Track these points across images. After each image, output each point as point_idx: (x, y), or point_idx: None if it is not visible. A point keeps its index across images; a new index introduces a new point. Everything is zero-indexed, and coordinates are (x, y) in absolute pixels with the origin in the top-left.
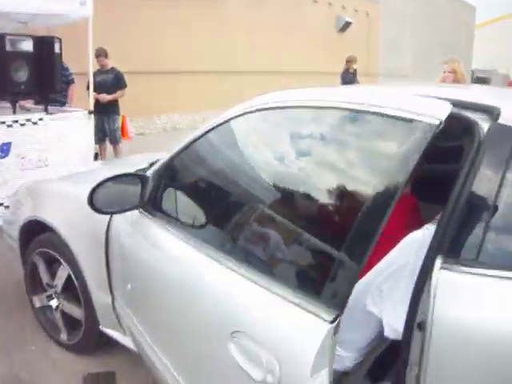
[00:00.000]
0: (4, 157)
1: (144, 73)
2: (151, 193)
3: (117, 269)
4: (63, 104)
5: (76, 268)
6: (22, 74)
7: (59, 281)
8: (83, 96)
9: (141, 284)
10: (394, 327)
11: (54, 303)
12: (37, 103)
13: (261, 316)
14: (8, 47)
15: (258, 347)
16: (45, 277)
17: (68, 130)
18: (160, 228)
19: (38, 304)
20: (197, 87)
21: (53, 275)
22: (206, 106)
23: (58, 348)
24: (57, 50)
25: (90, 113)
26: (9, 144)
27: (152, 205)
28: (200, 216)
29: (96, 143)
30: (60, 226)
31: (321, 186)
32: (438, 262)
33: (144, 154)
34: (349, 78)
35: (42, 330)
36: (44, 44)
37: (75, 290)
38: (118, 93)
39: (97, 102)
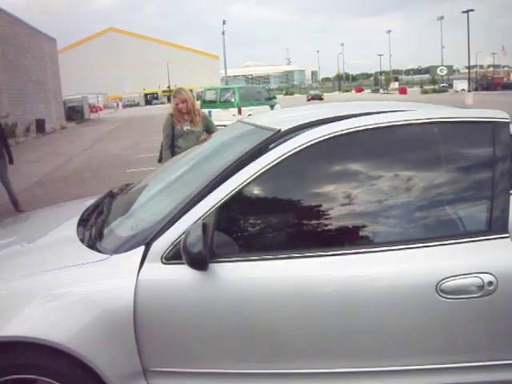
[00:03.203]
0: None
1: None
2: (211, 237)
3: (167, 339)
4: None
5: (72, 375)
6: None
7: None
8: None
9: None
10: None
11: None
12: None
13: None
14: None
15: (464, 277)
16: None
17: None
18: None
19: None
20: None
21: None
22: None
23: None
24: None
25: None
26: None
27: (222, 248)
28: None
29: None
30: (48, 333)
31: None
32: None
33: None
34: None
35: None
36: None
37: None
38: None
39: None
